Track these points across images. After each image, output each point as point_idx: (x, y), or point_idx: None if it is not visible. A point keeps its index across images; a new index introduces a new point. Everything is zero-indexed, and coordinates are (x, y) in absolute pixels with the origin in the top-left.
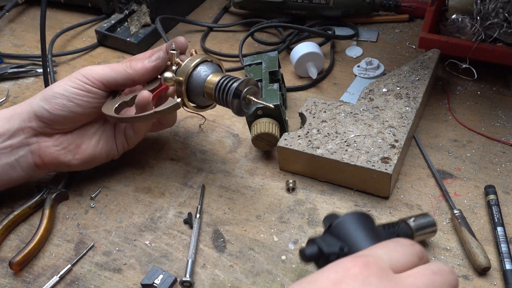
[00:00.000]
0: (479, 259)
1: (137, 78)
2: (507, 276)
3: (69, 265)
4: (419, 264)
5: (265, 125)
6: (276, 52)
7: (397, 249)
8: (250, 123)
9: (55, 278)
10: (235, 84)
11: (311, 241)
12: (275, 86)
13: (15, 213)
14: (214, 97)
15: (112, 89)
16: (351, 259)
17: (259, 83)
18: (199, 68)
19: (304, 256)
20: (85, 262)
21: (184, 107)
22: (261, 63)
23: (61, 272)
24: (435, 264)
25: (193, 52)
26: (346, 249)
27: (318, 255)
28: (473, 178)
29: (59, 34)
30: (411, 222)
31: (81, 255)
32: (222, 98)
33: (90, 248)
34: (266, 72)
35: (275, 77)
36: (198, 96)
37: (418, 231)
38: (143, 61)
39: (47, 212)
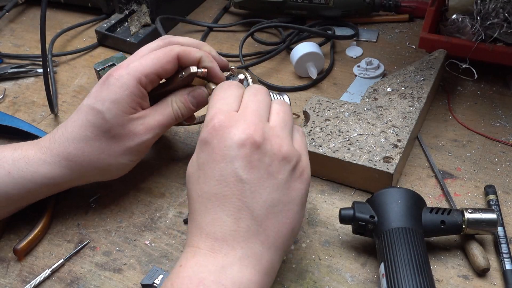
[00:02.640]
0: (478, 260)
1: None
2: (507, 276)
3: (62, 260)
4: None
5: None
6: (121, 53)
7: (228, 93)
8: None
9: (47, 272)
10: None
11: (353, 204)
12: None
13: None
14: None
15: None
16: (206, 129)
17: None
18: None
19: (340, 216)
20: (85, 262)
21: None
22: (113, 64)
23: (53, 266)
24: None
25: (233, 69)
26: (375, 219)
27: (351, 218)
28: (473, 178)
29: (59, 34)
30: (468, 213)
31: (75, 250)
32: None
33: (86, 244)
34: None
35: None
36: None
37: (473, 225)
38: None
39: (51, 200)
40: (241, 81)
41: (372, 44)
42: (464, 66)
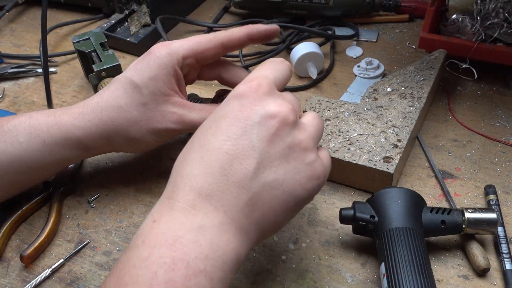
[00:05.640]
0: (478, 260)
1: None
2: (507, 276)
3: (62, 260)
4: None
5: None
6: (99, 28)
7: (276, 67)
8: (96, 86)
9: (47, 272)
10: None
11: (353, 204)
12: (110, 51)
13: (23, 208)
14: None
15: None
16: (245, 85)
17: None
18: None
19: (340, 216)
20: (85, 262)
21: None
22: (88, 38)
23: (53, 266)
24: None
25: None
26: (376, 219)
27: (352, 218)
28: (473, 178)
29: (52, 28)
30: (468, 213)
31: (75, 250)
32: None
33: (86, 244)
34: (97, 43)
35: (104, 48)
36: None
37: (473, 225)
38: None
39: (55, 205)
40: None
41: (372, 44)
42: (464, 66)
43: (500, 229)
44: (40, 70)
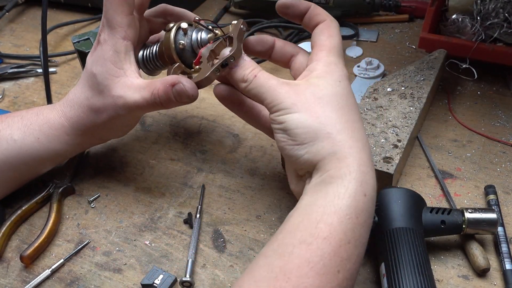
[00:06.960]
0: (478, 260)
1: None
2: (507, 276)
3: (62, 260)
4: None
5: None
6: (98, 28)
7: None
8: None
9: (47, 272)
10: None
11: None
12: None
13: (23, 208)
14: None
15: None
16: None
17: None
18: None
19: None
20: (85, 262)
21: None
22: (88, 38)
23: (53, 267)
24: None
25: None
26: (376, 219)
27: None
28: (473, 178)
29: (52, 28)
30: (468, 213)
31: (75, 250)
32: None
33: (86, 244)
34: None
35: None
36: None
37: (473, 225)
38: None
39: (55, 205)
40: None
41: (372, 44)
42: (464, 66)
43: (500, 229)
44: (40, 70)
